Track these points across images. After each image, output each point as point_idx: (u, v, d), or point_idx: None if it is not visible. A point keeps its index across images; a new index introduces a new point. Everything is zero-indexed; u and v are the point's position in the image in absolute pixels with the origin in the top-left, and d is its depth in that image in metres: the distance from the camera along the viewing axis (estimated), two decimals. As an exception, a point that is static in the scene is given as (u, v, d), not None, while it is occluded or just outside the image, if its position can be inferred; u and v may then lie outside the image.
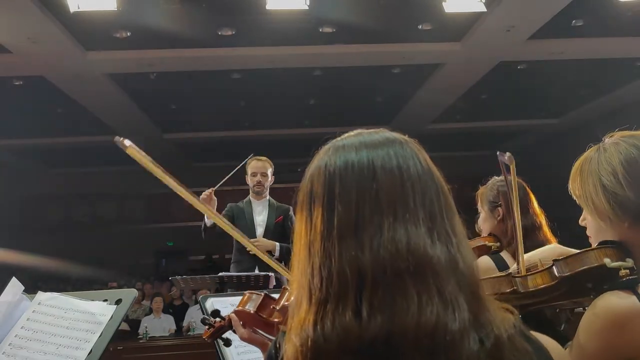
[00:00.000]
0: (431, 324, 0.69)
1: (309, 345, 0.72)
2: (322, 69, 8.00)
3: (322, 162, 0.82)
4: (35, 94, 8.12)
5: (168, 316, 7.11)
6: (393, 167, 0.78)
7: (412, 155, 0.81)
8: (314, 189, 0.80)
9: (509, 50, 7.35)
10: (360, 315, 0.70)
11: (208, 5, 5.99)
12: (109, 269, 11.03)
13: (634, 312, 1.07)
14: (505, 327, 0.73)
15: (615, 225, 1.18)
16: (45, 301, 1.48)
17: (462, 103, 9.63)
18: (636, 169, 1.15)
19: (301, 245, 0.79)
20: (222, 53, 7.09)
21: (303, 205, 0.81)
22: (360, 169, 0.78)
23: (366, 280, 0.72)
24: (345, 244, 0.74)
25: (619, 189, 1.15)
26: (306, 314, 0.75)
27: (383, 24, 6.56)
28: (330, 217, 0.76)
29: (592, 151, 1.26)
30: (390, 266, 0.72)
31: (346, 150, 0.81)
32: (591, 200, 1.20)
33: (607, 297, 1.10)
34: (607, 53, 7.68)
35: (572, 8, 6.16)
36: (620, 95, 9.49)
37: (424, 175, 0.79)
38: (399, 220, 0.74)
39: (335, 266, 0.73)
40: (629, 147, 1.18)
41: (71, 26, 6.22)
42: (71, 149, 11.11)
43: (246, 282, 3.51)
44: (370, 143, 0.82)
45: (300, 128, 10.77)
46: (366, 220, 0.75)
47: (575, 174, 1.26)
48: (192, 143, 11.61)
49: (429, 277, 0.72)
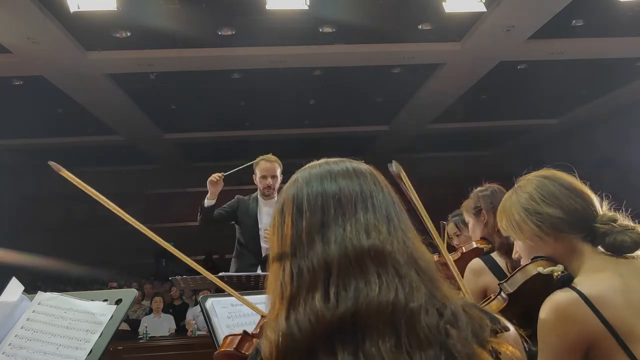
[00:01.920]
0: (391, 299, 0.77)
1: (283, 336, 0.77)
2: (322, 69, 7.99)
3: (291, 191, 0.90)
4: (35, 94, 8.11)
5: (168, 316, 7.10)
6: (351, 174, 0.89)
7: (373, 181, 0.90)
8: (285, 207, 0.89)
9: (509, 50, 7.34)
10: (329, 299, 0.77)
11: (208, 5, 5.99)
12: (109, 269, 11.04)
13: (574, 301, 1.20)
14: (461, 302, 0.81)
15: (544, 243, 1.36)
16: (45, 301, 1.48)
17: (462, 103, 9.63)
18: (548, 190, 1.37)
19: (274, 256, 0.86)
20: (222, 53, 7.08)
21: (275, 224, 0.89)
22: (322, 178, 0.89)
23: (332, 268, 0.80)
24: (313, 242, 0.82)
25: (540, 208, 1.36)
26: (279, 310, 0.81)
27: (383, 24, 6.56)
28: (299, 223, 0.85)
29: (509, 193, 1.47)
30: (353, 255, 0.80)
31: (313, 180, 0.90)
32: (518, 227, 1.39)
33: (549, 298, 1.25)
34: (607, 53, 7.68)
35: (572, 8, 6.15)
36: (620, 95, 9.49)
37: (382, 191, 0.89)
38: (360, 217, 0.84)
39: (305, 263, 0.81)
40: (539, 178, 1.41)
41: (71, 26, 6.22)
42: (71, 149, 11.10)
43: (246, 282, 3.50)
44: (336, 173, 0.90)
45: (300, 128, 10.77)
46: (331, 219, 0.84)
47: (501, 214, 1.46)
48: (192, 143, 11.60)
49: (388, 262, 0.80)
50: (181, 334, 6.75)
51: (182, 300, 8.07)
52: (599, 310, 1.18)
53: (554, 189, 1.37)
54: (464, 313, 0.79)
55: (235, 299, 1.52)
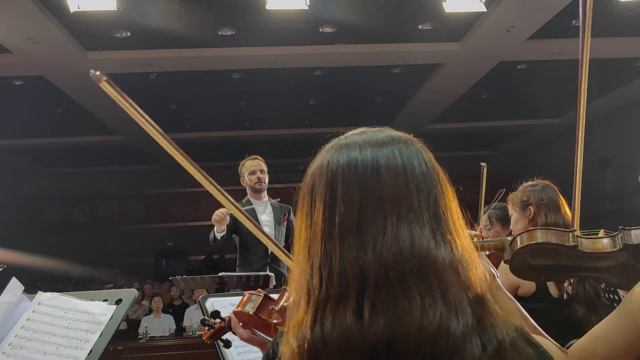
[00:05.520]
0: (434, 328, 0.67)
1: (307, 347, 0.69)
2: (322, 69, 7.99)
3: (324, 160, 0.79)
4: (35, 94, 8.11)
5: (168, 316, 7.10)
6: (397, 166, 0.75)
7: (416, 155, 0.78)
8: (316, 187, 0.77)
9: (509, 50, 7.34)
10: (362, 317, 0.68)
11: (208, 5, 5.99)
12: (109, 269, 11.04)
13: None
14: (508, 332, 0.71)
15: None
16: (45, 301, 1.48)
17: (462, 103, 9.62)
18: None
19: (300, 245, 0.77)
20: (222, 53, 7.08)
21: (304, 204, 0.78)
22: (364, 168, 0.75)
23: (368, 281, 0.69)
24: (346, 244, 0.72)
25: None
26: (304, 315, 0.72)
27: (383, 24, 6.56)
28: (331, 216, 0.74)
29: None
30: (393, 267, 0.70)
31: (350, 149, 0.78)
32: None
33: None
34: (607, 53, 7.67)
35: (572, 8, 6.14)
36: (620, 95, 9.48)
37: (428, 175, 0.77)
38: (403, 221, 0.72)
39: (336, 267, 0.71)
40: None
41: (71, 26, 6.22)
42: (71, 149, 11.10)
43: (246, 282, 3.50)
44: (375, 141, 0.79)
45: (300, 128, 10.76)
46: (369, 220, 0.72)
47: None
48: (192, 143, 11.58)
49: (432, 279, 0.70)
50: (181, 334, 6.75)
51: (182, 300, 8.07)
52: None
53: None
54: (510, 348, 0.69)
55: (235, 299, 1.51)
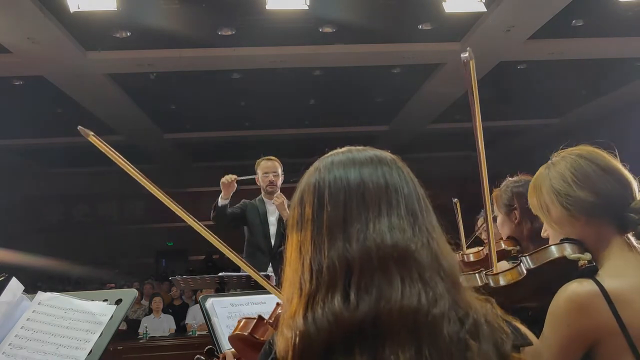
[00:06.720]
0: (414, 305, 0.74)
1: (300, 335, 0.74)
2: (322, 69, 7.99)
3: (312, 180, 0.85)
4: (35, 94, 8.11)
5: (168, 316, 7.10)
6: (379, 179, 0.83)
7: (398, 173, 0.85)
8: (305, 198, 0.84)
9: (509, 50, 7.34)
10: (349, 300, 0.74)
11: (208, 5, 5.99)
12: (109, 269, 11.04)
13: (593, 294, 1.15)
14: (483, 311, 0.78)
15: (573, 227, 1.29)
16: (45, 301, 1.48)
17: (462, 103, 9.62)
18: (582, 172, 1.28)
19: (292, 248, 0.83)
20: (222, 53, 7.08)
21: (294, 214, 0.85)
22: (348, 182, 0.83)
23: (354, 269, 0.76)
24: (334, 239, 0.79)
25: (571, 191, 1.28)
26: (297, 307, 0.78)
27: (383, 24, 6.56)
28: (319, 216, 0.81)
29: (542, 168, 1.39)
30: (376, 255, 0.77)
31: (335, 167, 0.85)
32: (547, 208, 1.33)
33: (568, 285, 1.19)
34: (607, 53, 7.68)
35: (572, 8, 6.16)
36: (620, 95, 9.48)
37: (407, 185, 0.85)
38: (384, 215, 0.80)
39: (325, 260, 0.78)
40: (574, 157, 1.32)
41: (71, 26, 6.22)
42: (71, 149, 11.10)
43: (246, 282, 3.50)
44: (359, 160, 0.85)
45: (300, 128, 10.77)
46: (353, 215, 0.80)
47: (532, 190, 1.39)
48: (192, 143, 11.60)
49: (411, 264, 0.77)
50: (181, 334, 6.75)
51: (182, 300, 8.07)
52: (617, 309, 1.13)
53: (588, 170, 1.28)
54: (486, 324, 0.77)
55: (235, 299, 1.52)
